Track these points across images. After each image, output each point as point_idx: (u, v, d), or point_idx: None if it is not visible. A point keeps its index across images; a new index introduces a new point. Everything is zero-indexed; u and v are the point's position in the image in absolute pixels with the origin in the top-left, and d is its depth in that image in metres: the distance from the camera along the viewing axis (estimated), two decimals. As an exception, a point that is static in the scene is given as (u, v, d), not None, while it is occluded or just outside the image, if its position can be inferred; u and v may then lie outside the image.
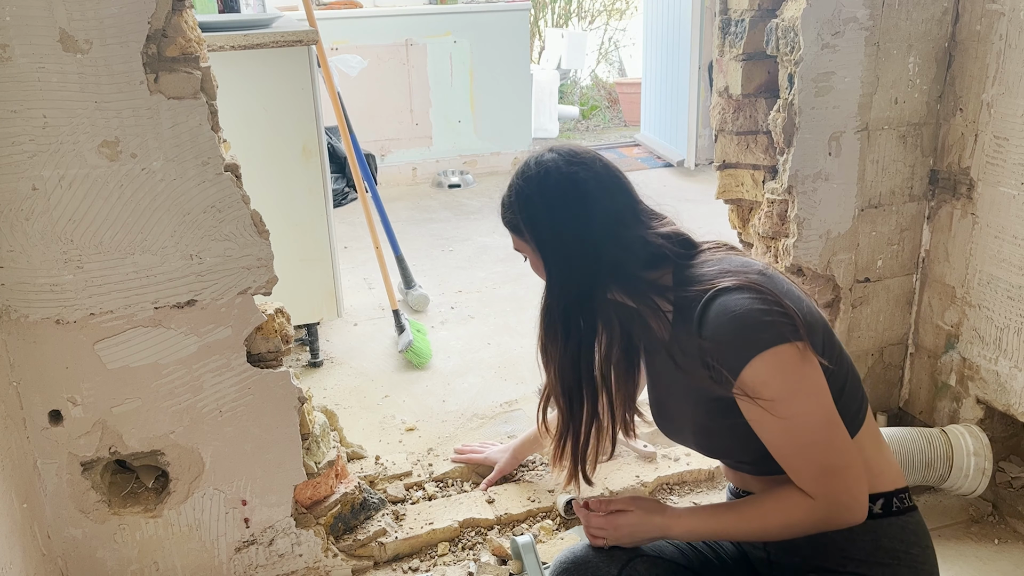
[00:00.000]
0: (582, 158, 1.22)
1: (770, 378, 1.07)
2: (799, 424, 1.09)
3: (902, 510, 1.19)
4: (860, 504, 1.11)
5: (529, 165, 1.24)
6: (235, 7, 2.78)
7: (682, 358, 1.18)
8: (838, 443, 1.10)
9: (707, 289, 1.13)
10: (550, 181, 1.20)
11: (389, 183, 4.99)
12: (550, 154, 1.23)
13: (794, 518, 1.13)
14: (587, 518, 1.28)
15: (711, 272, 1.16)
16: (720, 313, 1.10)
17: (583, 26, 8.16)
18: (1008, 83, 1.78)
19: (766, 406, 1.08)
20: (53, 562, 1.57)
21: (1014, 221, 1.80)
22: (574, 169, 1.20)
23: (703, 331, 1.12)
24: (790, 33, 1.80)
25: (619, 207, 1.21)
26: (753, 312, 1.08)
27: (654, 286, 1.20)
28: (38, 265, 1.41)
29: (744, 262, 1.18)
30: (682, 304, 1.18)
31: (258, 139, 2.40)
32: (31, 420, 1.49)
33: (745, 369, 1.07)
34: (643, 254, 1.20)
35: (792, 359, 1.07)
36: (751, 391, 1.08)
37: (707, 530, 1.21)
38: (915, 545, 1.18)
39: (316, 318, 2.68)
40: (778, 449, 1.12)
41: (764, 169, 2.01)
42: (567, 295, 1.22)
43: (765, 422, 1.10)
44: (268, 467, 1.63)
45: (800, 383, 1.08)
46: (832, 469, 1.10)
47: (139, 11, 1.32)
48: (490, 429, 2.34)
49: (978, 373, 1.95)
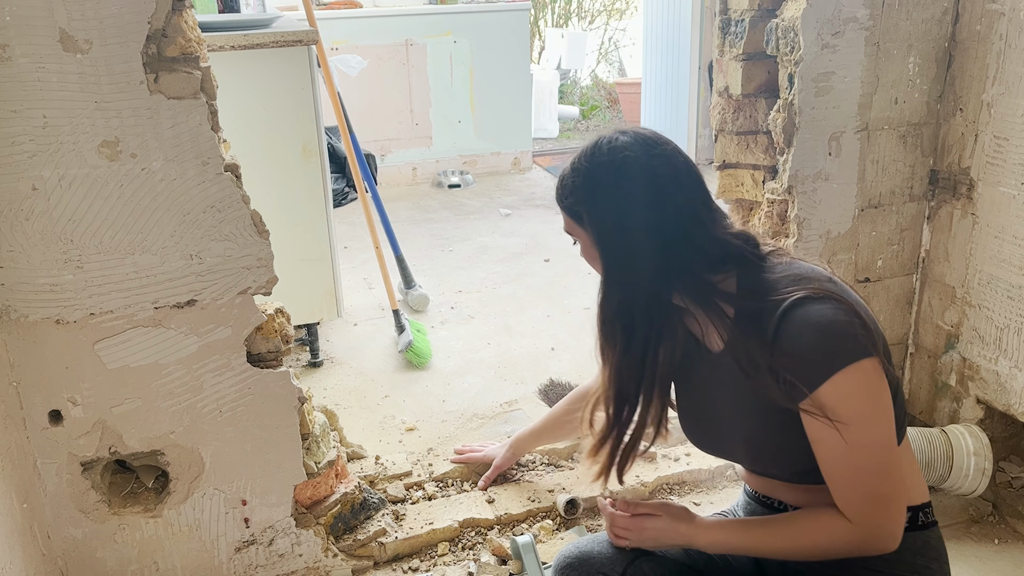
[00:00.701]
0: (662, 148, 1.13)
1: (850, 394, 1.03)
2: (863, 446, 1.05)
3: (926, 525, 1.17)
4: (897, 535, 1.09)
5: (600, 148, 1.13)
6: (235, 7, 2.78)
7: (747, 364, 1.11)
8: (892, 471, 1.07)
9: (783, 298, 1.07)
10: (625, 170, 1.11)
11: (389, 183, 5.00)
12: (624, 138, 1.13)
13: (829, 541, 1.10)
14: (612, 518, 1.26)
15: (785, 278, 1.11)
16: (802, 324, 1.04)
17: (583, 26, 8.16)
18: (1008, 83, 1.78)
19: (838, 424, 1.04)
20: (53, 562, 1.57)
21: (1014, 221, 1.80)
22: (654, 162, 1.11)
23: (780, 341, 1.06)
24: (790, 33, 1.80)
25: (695, 204, 1.13)
26: (837, 324, 1.04)
27: (718, 290, 1.13)
28: (38, 265, 1.41)
29: (811, 269, 1.14)
30: (749, 312, 1.11)
31: (258, 139, 2.40)
32: (31, 420, 1.49)
33: (826, 383, 1.03)
34: (716, 254, 1.13)
35: (873, 375, 1.04)
36: (827, 406, 1.04)
37: (734, 544, 1.18)
38: (935, 560, 1.17)
39: (316, 318, 2.68)
40: (833, 469, 1.08)
41: (764, 169, 2.01)
42: (629, 293, 1.14)
43: (829, 440, 1.06)
44: (268, 467, 1.63)
45: (876, 402, 1.05)
46: (881, 497, 1.07)
47: (139, 11, 1.32)
48: (490, 429, 2.34)
49: (978, 373, 1.95)
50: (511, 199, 4.68)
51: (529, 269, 3.59)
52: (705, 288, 1.13)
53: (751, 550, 1.18)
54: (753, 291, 1.12)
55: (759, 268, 1.14)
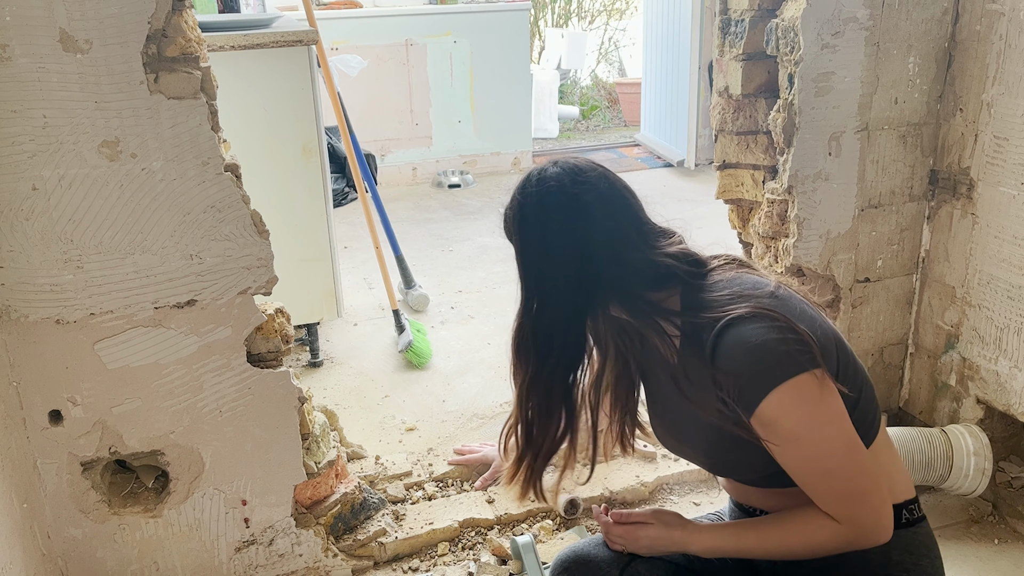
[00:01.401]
0: (587, 176, 1.16)
1: (789, 410, 1.04)
2: (820, 453, 1.06)
3: (912, 521, 1.18)
4: (884, 526, 1.09)
5: (530, 180, 1.19)
6: (235, 7, 2.78)
7: (690, 387, 1.14)
8: (860, 467, 1.08)
9: (719, 317, 1.09)
10: (550, 199, 1.15)
11: (389, 183, 5.00)
12: (554, 169, 1.18)
13: (818, 540, 1.11)
14: (607, 527, 1.27)
15: (722, 297, 1.12)
16: (734, 344, 1.06)
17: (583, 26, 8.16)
18: (1008, 83, 1.78)
19: (785, 438, 1.05)
20: (53, 562, 1.57)
21: (1014, 221, 1.80)
22: (577, 190, 1.15)
23: (716, 362, 1.08)
24: (790, 33, 1.80)
25: (623, 228, 1.16)
26: (768, 343, 1.05)
27: (658, 308, 1.16)
28: (38, 265, 1.41)
29: (755, 282, 1.14)
30: (691, 330, 1.14)
31: (258, 139, 2.40)
32: (31, 420, 1.49)
33: (762, 403, 1.05)
34: (649, 274, 1.15)
35: (810, 389, 1.05)
36: (769, 424, 1.05)
37: (727, 548, 1.18)
38: (924, 557, 1.17)
39: (316, 318, 2.68)
40: (799, 476, 1.09)
41: (764, 169, 2.01)
42: (549, 315, 1.18)
43: (786, 452, 1.08)
44: (268, 467, 1.63)
45: (819, 413, 1.06)
46: (856, 493, 1.08)
47: (139, 11, 1.32)
48: (490, 429, 2.34)
49: (978, 373, 1.95)
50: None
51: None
52: (642, 305, 1.16)
53: (745, 553, 1.19)
54: (692, 309, 1.14)
55: (699, 286, 1.16)
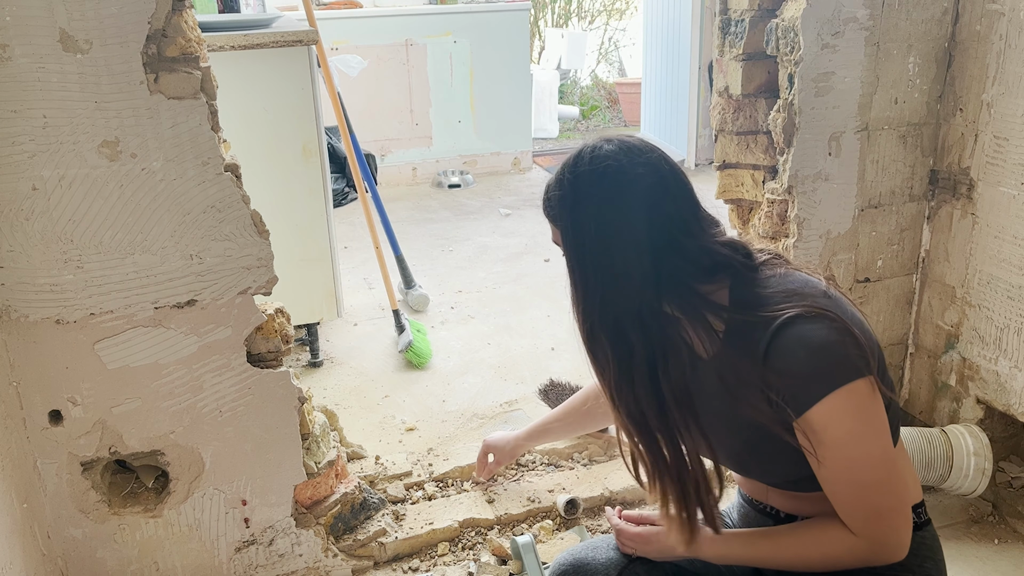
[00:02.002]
0: (648, 156, 1.08)
1: (841, 416, 1.02)
2: (860, 464, 1.04)
3: (919, 525, 1.17)
4: (903, 545, 1.08)
5: (583, 157, 1.09)
6: (235, 7, 2.78)
7: (734, 383, 1.09)
8: (893, 484, 1.06)
9: (774, 315, 1.05)
10: (609, 179, 1.06)
11: (389, 183, 5.00)
12: (608, 146, 1.08)
13: (835, 554, 1.09)
14: (619, 531, 1.26)
15: (778, 293, 1.08)
16: (794, 344, 1.02)
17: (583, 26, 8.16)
18: (1008, 83, 1.78)
19: (829, 445, 1.02)
20: (53, 562, 1.57)
21: (1014, 221, 1.80)
22: (638, 170, 1.06)
23: (772, 361, 1.03)
24: (790, 33, 1.80)
25: (683, 213, 1.08)
26: (829, 345, 1.01)
27: (708, 302, 1.09)
28: (38, 265, 1.41)
29: (807, 281, 1.11)
30: (741, 327, 1.08)
31: (258, 139, 2.40)
32: (31, 420, 1.49)
33: (816, 406, 1.01)
34: (704, 264, 1.09)
35: (864, 396, 1.02)
36: (817, 428, 1.02)
37: (739, 557, 1.17)
38: (928, 559, 1.17)
39: (316, 318, 2.68)
40: (833, 486, 1.07)
41: (764, 169, 2.01)
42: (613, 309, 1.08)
43: (825, 459, 1.04)
44: (268, 467, 1.63)
45: (869, 422, 1.03)
46: (883, 511, 1.06)
47: (139, 11, 1.32)
48: (490, 429, 2.34)
49: (978, 373, 1.95)
50: (511, 199, 4.68)
51: (529, 269, 3.59)
52: (694, 299, 1.09)
53: (757, 562, 1.17)
54: (744, 305, 1.09)
55: (752, 280, 1.11)
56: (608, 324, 1.08)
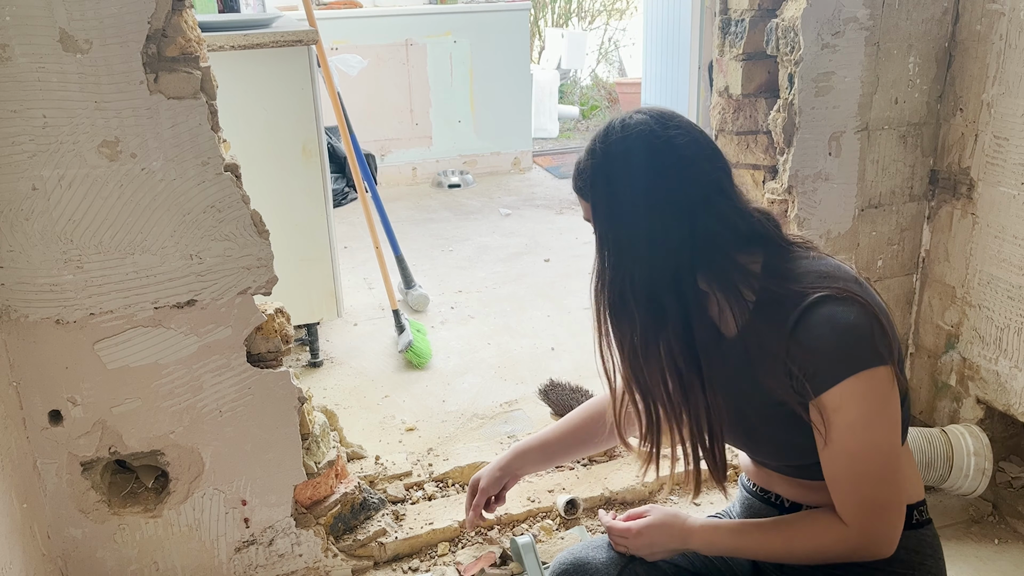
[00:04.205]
0: (677, 121, 1.09)
1: (858, 400, 1.02)
2: (866, 452, 1.04)
3: (920, 523, 1.17)
4: (893, 542, 1.08)
5: (614, 127, 1.09)
6: (235, 7, 2.78)
7: (758, 353, 1.09)
8: (894, 478, 1.06)
9: (807, 292, 1.05)
10: (642, 144, 1.06)
11: (389, 183, 5.00)
12: (639, 115, 1.09)
13: (823, 544, 1.10)
14: (609, 527, 1.26)
15: (810, 273, 1.08)
16: (823, 322, 1.02)
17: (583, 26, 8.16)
18: (1008, 83, 1.78)
19: (841, 428, 1.03)
20: (53, 562, 1.57)
21: (1014, 221, 1.80)
22: (671, 132, 1.07)
23: (799, 336, 1.04)
24: (790, 33, 1.80)
25: (719, 173, 1.09)
26: (857, 328, 1.02)
27: (742, 271, 1.09)
28: (38, 265, 1.41)
29: (839, 267, 1.11)
30: (770, 298, 1.08)
31: (258, 139, 2.40)
32: (31, 420, 1.49)
33: (836, 387, 1.02)
34: (742, 229, 1.09)
35: (884, 384, 1.03)
36: (832, 409, 1.03)
37: (728, 545, 1.17)
38: (929, 557, 1.17)
39: (316, 318, 2.68)
40: (835, 471, 1.07)
41: (764, 169, 2.01)
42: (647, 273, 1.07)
43: (833, 442, 1.05)
44: (268, 467, 1.63)
45: (883, 410, 1.04)
46: (880, 503, 1.06)
47: (139, 11, 1.32)
48: (490, 429, 2.34)
49: (978, 373, 1.95)
50: (511, 199, 4.68)
51: (529, 269, 3.59)
52: (730, 267, 1.09)
53: (745, 550, 1.17)
54: (778, 276, 1.09)
55: (786, 254, 1.11)
56: (641, 290, 1.08)
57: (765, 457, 1.23)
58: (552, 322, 3.05)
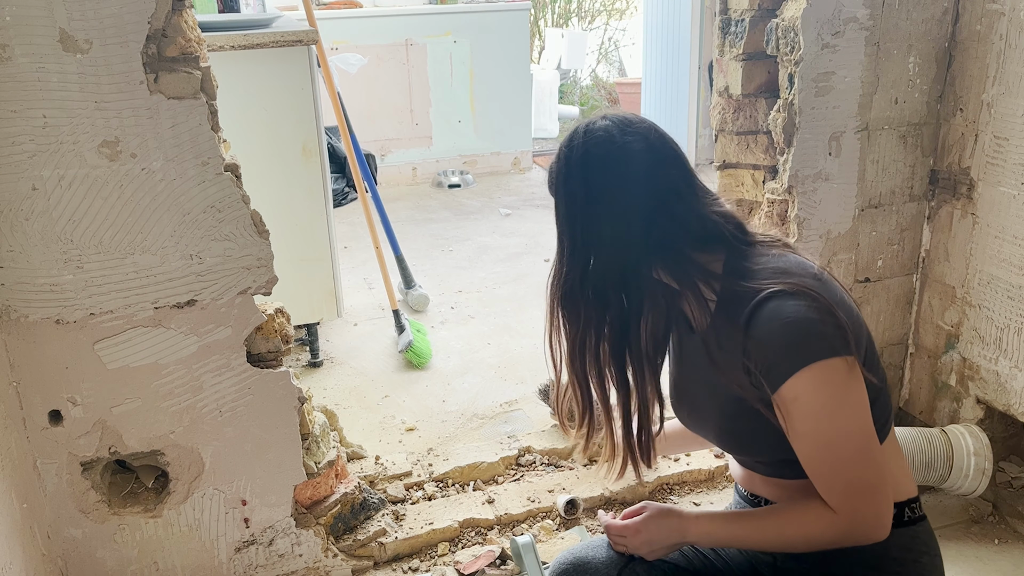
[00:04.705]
0: (636, 128, 1.15)
1: (814, 392, 1.04)
2: (836, 439, 1.05)
3: (913, 520, 1.18)
4: (883, 524, 1.08)
5: (578, 132, 1.17)
6: (235, 7, 2.78)
7: (719, 353, 1.13)
8: (871, 460, 1.07)
9: (761, 288, 1.08)
10: (598, 149, 1.13)
11: (389, 183, 4.99)
12: (603, 121, 1.16)
13: (814, 531, 1.10)
14: (607, 526, 1.27)
15: (767, 269, 1.11)
16: (773, 317, 1.05)
17: (583, 26, 8.16)
18: (1008, 83, 1.78)
19: (804, 419, 1.04)
20: (53, 562, 1.57)
21: (1014, 221, 1.80)
22: (627, 139, 1.13)
23: (751, 331, 1.07)
24: (790, 33, 1.80)
25: (673, 179, 1.14)
26: (806, 321, 1.04)
27: (702, 270, 1.14)
28: (38, 265, 1.41)
29: (800, 263, 1.14)
30: (730, 297, 1.12)
31: (258, 139, 2.40)
32: (31, 420, 1.49)
33: (790, 380, 1.04)
34: (697, 230, 1.13)
35: (839, 373, 1.04)
36: (791, 402, 1.05)
37: (723, 535, 1.18)
38: (924, 554, 1.17)
39: (316, 318, 2.68)
40: (810, 461, 1.09)
41: (764, 169, 2.01)
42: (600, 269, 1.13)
43: (801, 434, 1.07)
44: (268, 467, 1.63)
45: (843, 399, 1.05)
46: (862, 486, 1.07)
47: (139, 11, 1.32)
48: (490, 429, 2.34)
49: (978, 373, 1.95)
50: (511, 199, 4.69)
51: (529, 269, 3.59)
52: (687, 265, 1.14)
53: (740, 540, 1.18)
54: (735, 275, 1.13)
55: (747, 253, 1.15)
56: (590, 285, 1.14)
57: (735, 452, 1.26)
58: (552, 322, 3.05)
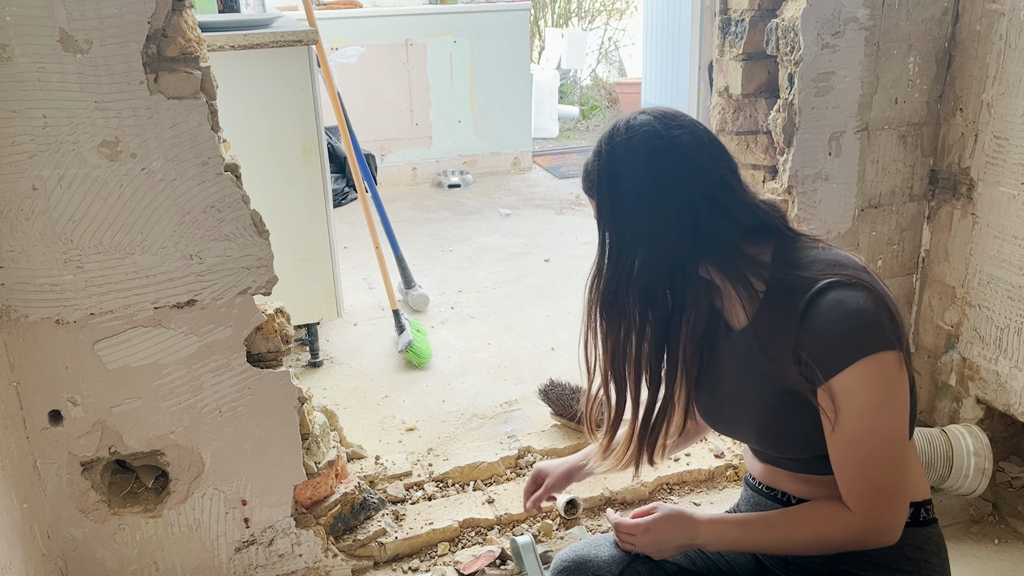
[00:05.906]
0: (681, 120, 1.12)
1: (867, 384, 1.03)
2: (875, 438, 1.05)
3: (927, 520, 1.18)
4: (898, 528, 1.08)
5: (619, 128, 1.13)
6: (235, 7, 2.78)
7: (768, 340, 1.10)
8: (902, 465, 1.07)
9: (817, 278, 1.06)
10: (646, 144, 1.10)
11: (389, 183, 4.99)
12: (643, 116, 1.12)
13: (828, 531, 1.10)
14: (615, 524, 1.26)
15: (820, 260, 1.10)
16: (831, 307, 1.04)
17: (583, 26, 8.16)
18: (1008, 83, 1.78)
19: (850, 413, 1.04)
20: (53, 562, 1.57)
21: (1014, 221, 1.80)
22: (673, 132, 1.10)
23: (808, 321, 1.05)
24: (790, 33, 1.80)
25: (722, 170, 1.11)
26: (866, 312, 1.03)
27: (750, 261, 1.11)
28: (38, 265, 1.41)
29: (847, 256, 1.13)
30: (781, 286, 1.10)
31: (258, 139, 2.40)
32: (31, 420, 1.49)
33: (845, 370, 1.03)
34: (748, 222, 1.12)
35: (893, 368, 1.04)
36: (842, 394, 1.04)
37: (734, 537, 1.17)
38: (935, 556, 1.17)
39: (316, 318, 2.68)
40: (842, 456, 1.08)
41: (764, 169, 2.01)
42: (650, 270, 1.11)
43: (842, 428, 1.06)
44: (268, 467, 1.63)
45: (892, 395, 1.05)
46: (886, 490, 1.07)
47: (139, 11, 1.32)
48: (490, 429, 2.34)
49: (978, 373, 1.95)
50: (511, 199, 4.68)
51: (529, 269, 3.59)
52: (738, 259, 1.11)
53: (750, 542, 1.17)
54: (788, 265, 1.11)
55: (795, 244, 1.14)
56: (636, 285, 1.12)
57: (773, 450, 1.23)
58: (552, 322, 3.05)
